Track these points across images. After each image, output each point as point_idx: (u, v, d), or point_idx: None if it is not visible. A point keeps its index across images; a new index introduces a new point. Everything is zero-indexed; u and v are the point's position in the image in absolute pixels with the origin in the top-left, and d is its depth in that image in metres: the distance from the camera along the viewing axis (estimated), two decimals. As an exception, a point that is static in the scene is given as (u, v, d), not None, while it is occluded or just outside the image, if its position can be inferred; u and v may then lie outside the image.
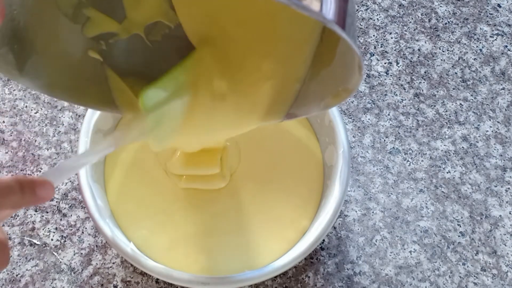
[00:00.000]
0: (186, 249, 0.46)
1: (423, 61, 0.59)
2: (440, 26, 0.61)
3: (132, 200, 0.48)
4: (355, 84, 0.33)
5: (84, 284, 0.48)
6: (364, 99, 0.56)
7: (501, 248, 0.50)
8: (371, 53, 0.59)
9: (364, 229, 0.51)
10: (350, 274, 0.49)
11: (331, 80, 0.38)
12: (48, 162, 0.53)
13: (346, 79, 0.34)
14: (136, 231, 0.46)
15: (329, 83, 0.38)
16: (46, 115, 0.55)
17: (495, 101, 0.57)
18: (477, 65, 0.59)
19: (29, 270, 0.48)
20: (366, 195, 0.52)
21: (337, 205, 0.44)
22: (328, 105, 0.38)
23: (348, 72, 0.34)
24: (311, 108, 0.40)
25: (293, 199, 0.48)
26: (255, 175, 0.49)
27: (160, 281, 0.48)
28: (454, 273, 0.49)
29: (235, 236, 0.47)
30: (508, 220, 0.51)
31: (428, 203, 0.52)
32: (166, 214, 0.48)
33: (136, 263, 0.42)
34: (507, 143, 0.55)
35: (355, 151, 0.54)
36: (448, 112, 0.56)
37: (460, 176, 0.53)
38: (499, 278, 0.49)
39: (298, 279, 0.49)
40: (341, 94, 0.36)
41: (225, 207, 0.48)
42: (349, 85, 0.34)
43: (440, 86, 0.57)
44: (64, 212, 0.51)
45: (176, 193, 0.48)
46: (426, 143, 0.55)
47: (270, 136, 0.51)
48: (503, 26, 0.61)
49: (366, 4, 0.62)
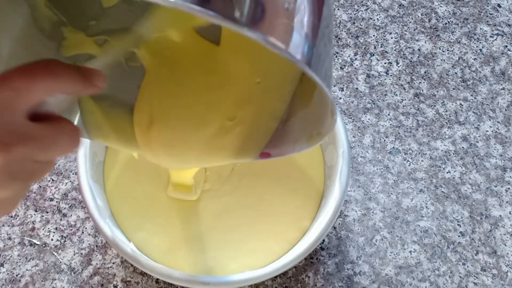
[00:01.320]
0: (186, 250, 0.46)
1: (423, 61, 0.59)
2: (440, 26, 0.61)
3: (131, 201, 0.48)
4: (328, 129, 0.33)
5: (84, 284, 0.48)
6: (364, 99, 0.56)
7: (501, 248, 0.50)
8: (371, 53, 0.59)
9: (364, 229, 0.51)
10: (350, 274, 0.49)
11: (307, 122, 0.37)
12: (48, 162, 0.53)
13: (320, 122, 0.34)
14: (135, 234, 0.46)
15: (305, 125, 0.37)
16: (46, 115, 0.55)
17: (495, 101, 0.57)
18: (477, 65, 0.59)
19: (29, 270, 0.48)
20: (366, 195, 0.52)
21: (337, 205, 0.44)
22: (302, 147, 0.38)
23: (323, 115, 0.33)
24: (285, 149, 0.39)
25: (294, 199, 0.48)
26: (255, 175, 0.49)
27: (160, 281, 0.48)
28: (454, 273, 0.49)
29: (236, 236, 0.47)
30: (508, 220, 0.51)
31: (428, 203, 0.52)
32: (166, 215, 0.48)
33: (136, 263, 0.42)
34: (507, 143, 0.55)
35: (355, 151, 0.54)
36: (448, 112, 0.56)
37: (460, 176, 0.53)
38: (499, 278, 0.49)
39: (298, 279, 0.49)
40: (314, 137, 0.36)
41: (226, 208, 0.48)
42: (322, 129, 0.34)
43: (440, 86, 0.57)
44: (64, 212, 0.51)
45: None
46: (426, 143, 0.55)
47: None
48: (503, 26, 0.61)
49: (366, 4, 0.62)
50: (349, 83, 0.57)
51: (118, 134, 0.41)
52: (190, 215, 0.48)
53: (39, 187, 0.51)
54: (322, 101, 0.33)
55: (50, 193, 0.51)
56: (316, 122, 0.35)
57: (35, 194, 0.51)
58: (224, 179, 0.49)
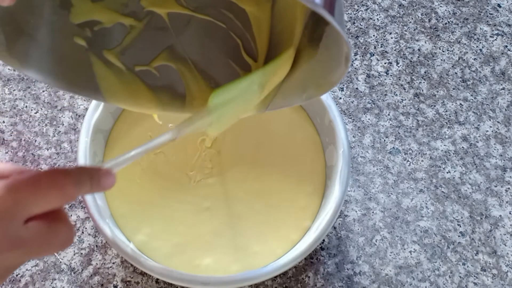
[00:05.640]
0: (186, 252, 0.46)
1: (423, 61, 0.59)
2: (440, 26, 0.61)
3: (131, 202, 0.48)
4: (339, 77, 0.33)
5: (84, 284, 0.48)
6: (364, 99, 0.56)
7: (501, 248, 0.50)
8: (371, 53, 0.59)
9: (364, 229, 0.51)
10: (350, 274, 0.49)
11: (313, 73, 0.38)
12: (48, 162, 0.53)
13: (330, 71, 0.34)
14: (135, 236, 0.46)
15: (311, 76, 0.38)
16: (46, 115, 0.55)
17: (495, 101, 0.57)
18: (477, 65, 0.59)
19: (29, 270, 0.48)
20: (366, 195, 0.52)
21: (337, 205, 0.44)
22: (310, 96, 0.38)
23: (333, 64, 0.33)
24: (293, 100, 0.40)
25: (295, 199, 0.48)
26: (256, 176, 0.49)
27: (160, 281, 0.48)
28: (454, 273, 0.49)
29: (237, 239, 0.47)
30: (508, 220, 0.51)
31: (428, 203, 0.52)
32: (166, 217, 0.47)
33: (136, 263, 0.42)
34: (507, 143, 0.55)
35: (355, 151, 0.54)
36: (448, 112, 0.56)
37: (460, 176, 0.53)
38: (499, 278, 0.49)
39: (298, 279, 0.49)
40: (323, 86, 0.36)
41: (227, 210, 0.48)
42: (332, 77, 0.34)
43: (440, 86, 0.57)
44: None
45: (175, 195, 0.48)
46: (426, 143, 0.55)
47: (271, 137, 0.51)
48: (503, 26, 0.61)
49: (366, 4, 0.62)
50: (349, 83, 0.57)
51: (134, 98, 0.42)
52: (190, 217, 0.48)
53: (39, 187, 0.51)
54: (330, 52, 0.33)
55: (50, 193, 0.51)
56: (324, 73, 0.35)
57: (35, 194, 0.51)
58: (224, 179, 0.49)
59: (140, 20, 0.41)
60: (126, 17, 0.41)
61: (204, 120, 0.37)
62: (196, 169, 0.49)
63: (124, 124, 0.51)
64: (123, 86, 0.42)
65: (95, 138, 0.47)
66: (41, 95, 0.56)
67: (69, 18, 0.38)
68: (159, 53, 0.43)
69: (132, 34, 0.41)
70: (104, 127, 0.49)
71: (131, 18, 0.41)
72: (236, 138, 0.50)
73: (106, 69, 0.41)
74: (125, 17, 0.41)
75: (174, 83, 0.43)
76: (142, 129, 0.50)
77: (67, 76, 0.40)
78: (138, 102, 0.43)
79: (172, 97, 0.43)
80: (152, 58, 0.42)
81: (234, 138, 0.50)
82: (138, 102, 0.43)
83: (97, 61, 0.40)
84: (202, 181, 0.49)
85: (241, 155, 0.50)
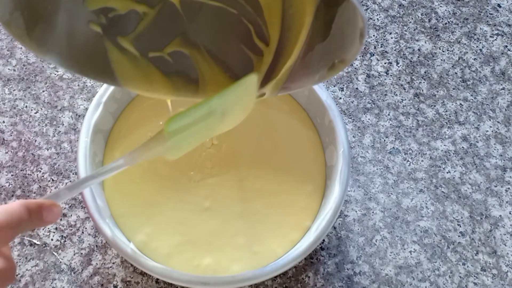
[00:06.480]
0: (186, 253, 0.46)
1: (423, 61, 0.59)
2: (440, 26, 0.61)
3: (131, 202, 0.48)
4: (353, 54, 0.34)
5: (84, 284, 0.48)
6: (364, 99, 0.56)
7: (501, 248, 0.50)
8: (371, 53, 0.59)
9: (364, 229, 0.51)
10: (350, 274, 0.49)
11: (326, 54, 0.38)
12: (48, 162, 0.53)
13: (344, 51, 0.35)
14: (134, 236, 0.46)
15: (324, 57, 0.38)
16: (46, 115, 0.55)
17: (495, 101, 0.57)
18: (477, 65, 0.59)
19: (29, 270, 0.48)
20: (366, 195, 0.52)
21: (337, 205, 0.44)
22: (323, 77, 0.39)
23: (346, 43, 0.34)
24: (306, 81, 0.41)
25: (295, 200, 0.48)
26: (256, 176, 0.49)
27: (160, 281, 0.48)
28: (454, 273, 0.49)
29: (238, 239, 0.47)
30: (508, 220, 0.51)
31: (428, 203, 0.52)
32: (166, 217, 0.47)
33: (136, 263, 0.42)
34: (507, 143, 0.55)
35: (355, 151, 0.54)
36: (448, 112, 0.56)
37: (460, 176, 0.53)
38: (499, 278, 0.49)
39: (298, 279, 0.49)
40: (337, 66, 0.37)
41: (226, 208, 0.48)
42: (347, 56, 0.35)
43: (440, 86, 0.57)
44: (64, 212, 0.51)
45: (175, 195, 0.48)
46: (426, 143, 0.55)
47: (271, 137, 0.51)
48: (503, 26, 0.61)
49: (366, 4, 0.62)
50: (349, 83, 0.57)
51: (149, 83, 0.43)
52: (190, 217, 0.48)
53: (39, 187, 0.52)
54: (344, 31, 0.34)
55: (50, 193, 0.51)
56: (338, 52, 0.36)
57: (35, 194, 0.51)
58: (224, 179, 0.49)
59: (153, 7, 0.42)
60: (139, 4, 0.41)
61: (161, 147, 0.38)
62: (196, 169, 0.49)
63: (124, 124, 0.51)
64: (137, 71, 0.42)
65: (95, 138, 0.47)
66: (41, 95, 0.56)
67: (84, 4, 0.39)
68: (172, 40, 0.43)
69: (145, 21, 0.42)
70: (104, 127, 0.49)
71: (144, 5, 0.41)
72: (236, 138, 0.50)
73: (120, 55, 0.42)
74: (138, 4, 0.41)
75: (187, 69, 0.44)
76: (142, 129, 0.50)
77: (84, 61, 0.41)
78: (152, 88, 0.43)
79: (186, 83, 0.44)
80: (165, 44, 0.43)
81: (234, 138, 0.50)
82: (153, 87, 0.43)
83: (112, 47, 0.41)
84: (202, 181, 0.49)
85: (241, 155, 0.50)
